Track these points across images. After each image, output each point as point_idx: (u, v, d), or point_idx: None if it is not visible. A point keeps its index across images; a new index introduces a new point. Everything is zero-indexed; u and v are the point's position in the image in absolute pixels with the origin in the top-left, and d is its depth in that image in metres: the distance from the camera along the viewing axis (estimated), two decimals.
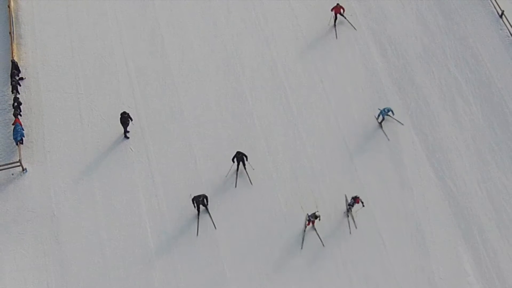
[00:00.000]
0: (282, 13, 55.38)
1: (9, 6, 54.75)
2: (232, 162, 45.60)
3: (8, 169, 46.26)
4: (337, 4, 53.15)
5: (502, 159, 47.16)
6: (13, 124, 47.49)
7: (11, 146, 47.53)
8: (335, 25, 53.84)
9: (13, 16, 54.38)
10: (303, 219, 43.78)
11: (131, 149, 47.70)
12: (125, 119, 47.31)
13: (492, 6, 55.24)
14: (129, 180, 46.29)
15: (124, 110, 47.98)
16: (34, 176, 46.36)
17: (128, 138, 48.08)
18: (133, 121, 47.87)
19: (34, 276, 42.42)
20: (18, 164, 46.18)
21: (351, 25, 53.86)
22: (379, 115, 48.03)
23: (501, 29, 54.01)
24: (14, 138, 47.00)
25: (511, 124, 48.82)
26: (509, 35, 53.50)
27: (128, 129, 47.85)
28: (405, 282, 41.98)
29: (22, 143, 47.17)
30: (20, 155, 46.40)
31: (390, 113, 47.87)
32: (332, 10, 53.33)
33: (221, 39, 53.73)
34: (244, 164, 45.70)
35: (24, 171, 46.48)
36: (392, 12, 55.37)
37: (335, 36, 53.58)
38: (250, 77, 51.51)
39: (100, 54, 52.71)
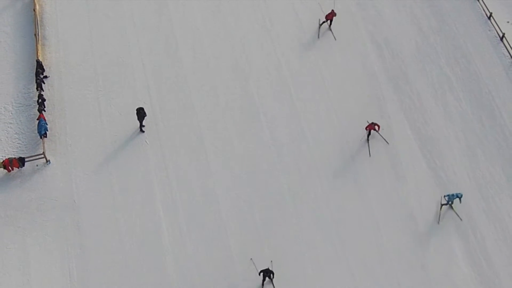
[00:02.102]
0: (287, 16, 55.26)
1: (34, 10, 54.89)
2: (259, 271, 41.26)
3: (33, 161, 46.43)
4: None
5: (489, 151, 47.02)
6: (37, 119, 47.67)
7: (35, 140, 47.64)
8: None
9: (38, 19, 54.53)
10: None
11: (146, 142, 47.70)
12: (141, 114, 47.33)
13: (481, 8, 55.09)
14: (145, 171, 46.35)
15: (140, 106, 48.05)
16: (57, 167, 46.48)
17: (143, 132, 48.07)
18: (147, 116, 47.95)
19: (57, 260, 42.61)
20: (42, 156, 46.36)
21: (383, 139, 47.89)
22: (448, 201, 43.74)
23: (489, 30, 53.79)
24: (38, 132, 47.16)
25: (498, 118, 48.70)
26: (497, 35, 53.34)
27: (143, 123, 47.83)
28: (399, 264, 42.07)
29: (46, 137, 47.32)
30: (44, 148, 46.56)
31: (458, 199, 43.84)
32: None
33: (230, 40, 53.66)
34: (267, 278, 41.06)
35: (48, 163, 46.60)
36: (388, 15, 55.23)
37: (334, 37, 53.43)
38: (257, 75, 51.44)
39: (118, 54, 52.75)
